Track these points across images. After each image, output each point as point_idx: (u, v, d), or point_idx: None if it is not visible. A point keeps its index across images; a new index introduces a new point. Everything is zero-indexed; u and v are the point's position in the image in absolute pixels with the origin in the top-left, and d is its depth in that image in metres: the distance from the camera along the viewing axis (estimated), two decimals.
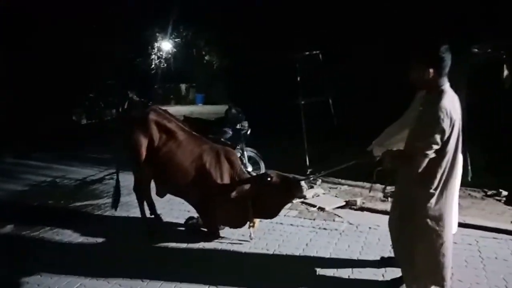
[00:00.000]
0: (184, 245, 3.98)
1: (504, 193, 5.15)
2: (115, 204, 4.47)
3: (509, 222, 4.32)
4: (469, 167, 5.69)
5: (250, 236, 3.92)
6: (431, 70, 2.33)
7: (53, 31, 9.55)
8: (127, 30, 13.53)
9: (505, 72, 6.50)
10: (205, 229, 4.15)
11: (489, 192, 5.26)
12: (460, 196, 5.04)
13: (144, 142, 3.98)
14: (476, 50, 6.50)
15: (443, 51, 2.34)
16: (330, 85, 7.00)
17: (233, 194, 3.83)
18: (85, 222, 4.72)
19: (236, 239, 4.05)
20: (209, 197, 3.93)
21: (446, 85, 2.39)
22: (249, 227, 3.90)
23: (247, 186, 3.85)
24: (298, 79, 6.67)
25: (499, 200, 5.05)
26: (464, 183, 5.51)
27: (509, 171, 5.52)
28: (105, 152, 8.41)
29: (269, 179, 3.74)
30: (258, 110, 8.29)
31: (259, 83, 9.72)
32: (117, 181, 4.45)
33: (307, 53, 6.85)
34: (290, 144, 7.55)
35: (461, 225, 4.11)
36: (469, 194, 5.21)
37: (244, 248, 3.88)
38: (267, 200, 3.77)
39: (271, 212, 3.91)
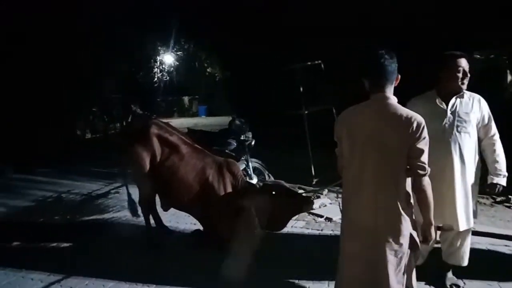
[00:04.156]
0: (190, 258, 3.94)
1: None
2: (134, 212, 4.43)
3: None
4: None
5: (255, 245, 3.86)
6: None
7: (57, 47, 9.62)
8: (130, 44, 13.64)
9: (509, 78, 6.50)
10: (212, 242, 4.10)
11: (498, 199, 5.20)
12: None
13: (146, 156, 3.97)
14: (478, 56, 6.52)
15: (371, 63, 2.13)
16: (333, 94, 7.00)
17: (236, 206, 3.80)
18: (91, 237, 4.69)
19: (242, 250, 3.99)
20: (213, 210, 3.91)
21: (375, 96, 2.10)
22: (256, 238, 3.86)
23: (250, 198, 3.82)
24: (301, 89, 6.68)
25: (509, 207, 5.00)
26: None
27: None
28: (110, 166, 8.40)
29: (273, 192, 3.72)
30: (262, 120, 8.30)
31: (262, 93, 9.76)
32: (128, 191, 4.43)
33: (308, 63, 6.87)
34: (295, 154, 7.53)
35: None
36: (478, 201, 5.12)
37: (250, 259, 3.83)
38: (273, 212, 3.74)
39: (277, 224, 3.88)
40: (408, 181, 2.05)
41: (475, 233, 4.04)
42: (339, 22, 8.36)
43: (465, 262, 3.10)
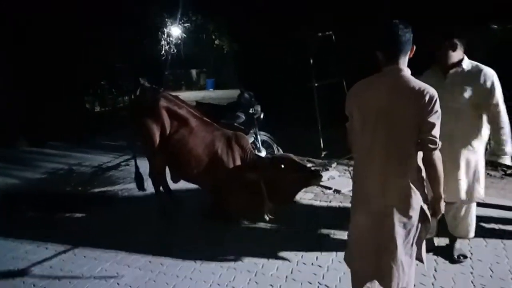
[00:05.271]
0: (200, 228, 4.02)
1: None
2: (140, 186, 4.51)
3: None
4: (488, 146, 5.59)
5: (264, 217, 3.91)
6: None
7: (62, 19, 9.54)
8: (137, 17, 13.46)
9: None
10: (220, 214, 4.17)
11: (509, 171, 5.15)
12: None
13: (156, 130, 3.99)
14: (495, 27, 6.32)
15: (384, 34, 2.07)
16: (344, 66, 6.89)
17: (245, 179, 3.84)
18: (102, 208, 4.79)
19: (251, 222, 4.07)
20: (222, 182, 3.96)
21: (387, 68, 2.04)
22: (264, 210, 3.90)
23: (258, 171, 3.84)
24: (311, 61, 6.58)
25: None
26: None
27: None
28: (119, 139, 8.50)
29: (282, 165, 3.73)
30: (270, 93, 8.24)
31: (271, 66, 9.62)
32: (136, 166, 4.49)
33: (319, 34, 6.73)
34: (304, 127, 7.50)
35: (480, 205, 4.05)
36: (488, 174, 5.11)
37: (260, 231, 3.90)
38: (281, 185, 3.77)
39: (285, 197, 3.91)
40: (420, 155, 2.04)
41: (485, 205, 4.05)
42: None
43: (471, 234, 3.12)
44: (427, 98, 1.93)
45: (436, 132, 1.96)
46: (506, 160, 2.87)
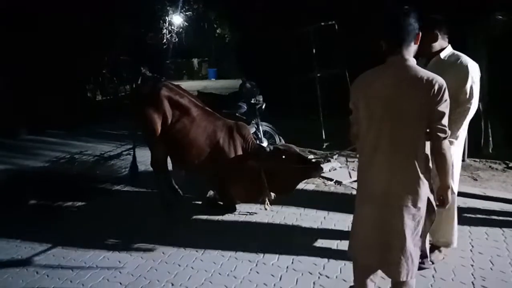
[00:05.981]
0: (201, 218, 4.03)
1: None
2: (132, 178, 4.51)
3: None
4: (490, 139, 5.58)
5: (265, 207, 3.91)
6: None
7: (65, 8, 9.48)
8: (138, 5, 13.36)
9: None
10: (222, 203, 4.18)
11: (511, 164, 5.15)
12: (480, 169, 5.02)
13: (157, 119, 3.97)
14: (500, 17, 6.24)
15: (389, 23, 2.04)
16: (346, 57, 6.84)
17: (246, 168, 3.84)
18: (104, 197, 4.81)
19: (253, 212, 4.08)
20: (223, 172, 3.96)
21: (392, 58, 2.01)
22: (265, 200, 3.91)
23: (260, 161, 3.84)
24: (313, 51, 6.54)
25: None
26: (485, 155, 5.45)
27: None
28: (121, 128, 8.49)
29: (283, 156, 3.73)
30: (272, 83, 8.20)
31: (273, 56, 9.56)
32: (134, 156, 4.48)
33: (322, 23, 6.67)
34: (305, 117, 7.49)
35: (481, 197, 4.08)
36: (490, 166, 5.12)
37: (261, 221, 3.92)
38: (282, 175, 3.77)
39: (286, 187, 3.91)
40: (427, 144, 2.02)
41: (486, 198, 4.05)
42: None
43: (454, 244, 2.99)
44: (436, 87, 1.90)
45: (445, 121, 1.95)
46: None
